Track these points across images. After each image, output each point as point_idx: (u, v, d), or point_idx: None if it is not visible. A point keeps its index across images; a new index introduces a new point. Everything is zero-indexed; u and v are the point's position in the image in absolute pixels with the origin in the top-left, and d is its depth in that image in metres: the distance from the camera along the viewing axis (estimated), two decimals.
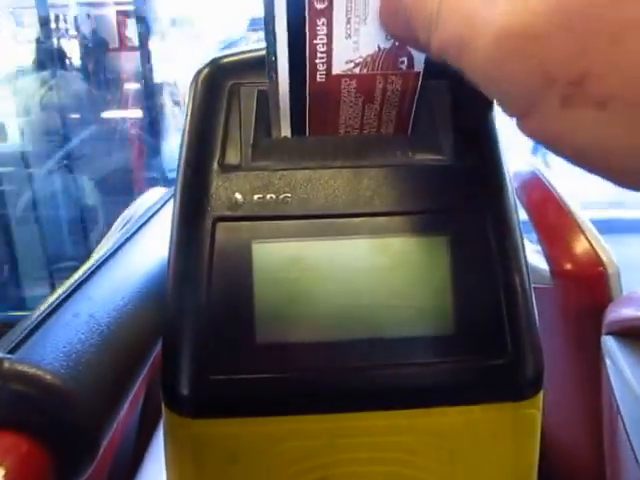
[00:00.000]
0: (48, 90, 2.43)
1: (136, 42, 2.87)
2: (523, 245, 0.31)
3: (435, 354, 0.29)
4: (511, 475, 0.32)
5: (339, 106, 0.30)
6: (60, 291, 0.34)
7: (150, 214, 0.52)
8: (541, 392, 0.31)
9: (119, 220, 0.79)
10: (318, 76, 0.28)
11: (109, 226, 0.79)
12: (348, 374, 0.29)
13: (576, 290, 0.32)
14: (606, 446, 0.50)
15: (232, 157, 0.31)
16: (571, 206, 0.49)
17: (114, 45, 3.03)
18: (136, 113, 2.71)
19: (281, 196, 0.30)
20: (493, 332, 0.29)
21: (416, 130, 0.32)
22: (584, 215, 0.51)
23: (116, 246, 0.42)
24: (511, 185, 0.31)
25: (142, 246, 0.44)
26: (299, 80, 0.29)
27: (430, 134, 0.32)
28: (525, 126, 0.21)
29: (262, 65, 0.31)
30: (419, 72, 0.29)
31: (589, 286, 0.42)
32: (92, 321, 0.32)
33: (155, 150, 2.54)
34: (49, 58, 2.46)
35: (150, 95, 2.53)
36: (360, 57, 0.28)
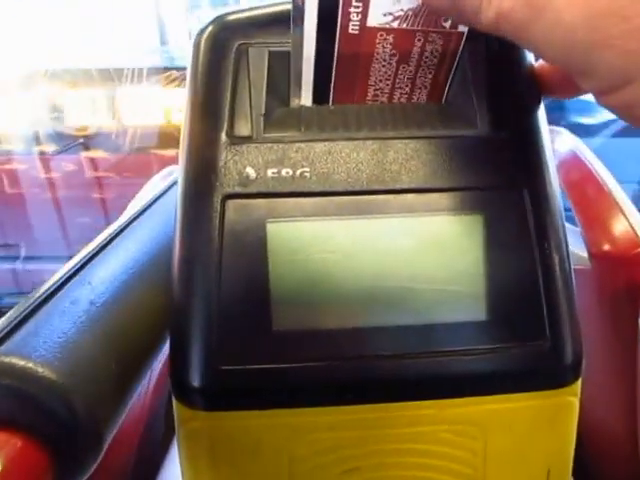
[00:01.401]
0: None
1: None
2: (563, 224, 0.28)
3: (469, 341, 0.27)
4: (547, 465, 0.29)
5: (370, 66, 0.27)
6: (57, 276, 0.32)
7: (158, 194, 0.50)
8: (580, 379, 0.28)
9: (133, 202, 0.76)
10: (351, 27, 0.25)
11: None
12: (372, 363, 0.27)
13: (614, 272, 0.29)
14: None
15: (242, 127, 0.28)
16: (611, 186, 0.46)
17: None
18: None
19: (298, 171, 0.27)
20: (530, 316, 0.27)
21: (449, 99, 0.29)
22: (625, 196, 0.48)
23: (119, 229, 0.39)
24: (552, 160, 0.28)
25: (147, 228, 0.41)
26: (328, 33, 0.25)
27: (463, 104, 0.29)
28: (607, 100, 0.21)
29: (274, 22, 0.28)
30: (463, 33, 0.26)
31: (628, 268, 0.39)
32: (92, 309, 0.29)
33: None
34: None
35: None
36: (401, 10, 0.25)
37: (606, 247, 0.41)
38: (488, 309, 0.27)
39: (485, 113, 0.28)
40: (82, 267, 0.33)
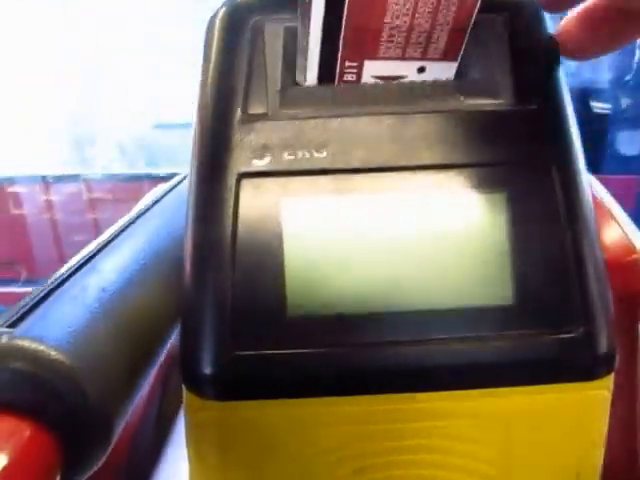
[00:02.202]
0: None
1: None
2: (591, 203, 0.27)
3: (494, 327, 0.25)
4: (576, 468, 0.28)
5: (383, 18, 0.25)
6: (68, 265, 0.31)
7: (166, 190, 0.49)
8: (613, 371, 0.27)
9: (140, 205, 0.75)
10: None
11: None
12: (394, 350, 0.25)
13: (609, 278, 0.28)
14: None
15: (257, 104, 0.27)
16: (602, 194, 0.46)
17: None
18: None
19: (314, 148, 0.26)
20: (560, 301, 0.26)
21: (469, 71, 0.28)
22: (616, 203, 0.47)
23: (128, 222, 0.39)
24: (577, 134, 0.27)
25: (156, 221, 0.40)
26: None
27: (485, 75, 0.28)
28: None
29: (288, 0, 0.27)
30: None
31: (623, 274, 0.38)
32: (104, 296, 0.28)
33: None
34: None
35: None
36: None
37: None
38: (515, 293, 0.25)
39: (508, 84, 0.27)
40: (93, 257, 0.32)
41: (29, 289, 0.28)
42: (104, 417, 0.25)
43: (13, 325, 0.24)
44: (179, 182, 0.51)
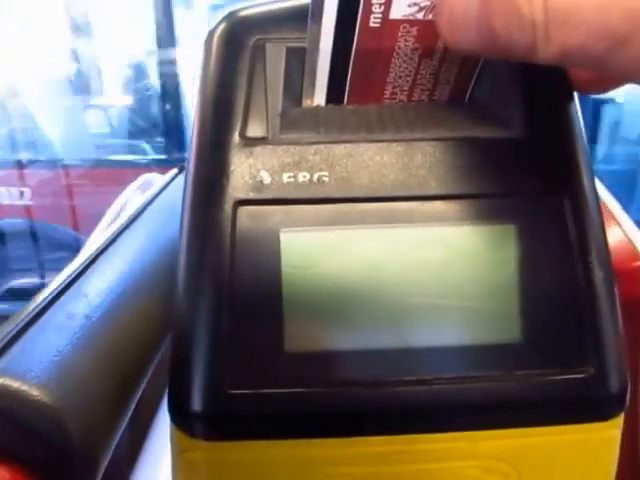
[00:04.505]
0: None
1: None
2: (605, 236, 0.26)
3: (501, 366, 0.25)
4: None
5: (390, 62, 0.25)
6: (52, 287, 0.30)
7: (148, 200, 0.47)
8: (624, 410, 0.26)
9: (110, 211, 0.73)
10: (372, 20, 0.23)
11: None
12: (394, 389, 0.24)
13: None
14: None
15: (257, 127, 0.26)
16: (606, 198, 0.45)
17: None
18: None
19: (316, 175, 0.25)
20: (571, 339, 0.25)
21: (478, 98, 0.27)
22: (620, 208, 0.46)
23: (113, 237, 0.37)
24: (589, 164, 0.26)
25: (142, 235, 0.39)
26: (347, 27, 0.24)
27: (494, 103, 0.27)
28: None
29: (292, 17, 0.26)
30: None
31: (626, 280, 0.37)
32: (88, 323, 0.27)
33: None
34: None
35: None
36: None
37: None
38: (523, 330, 0.24)
39: (518, 113, 0.26)
40: (77, 277, 0.31)
41: None
42: (88, 458, 0.23)
43: None
44: (167, 184, 0.49)
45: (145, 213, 0.44)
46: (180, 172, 0.62)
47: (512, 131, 0.26)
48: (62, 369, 0.23)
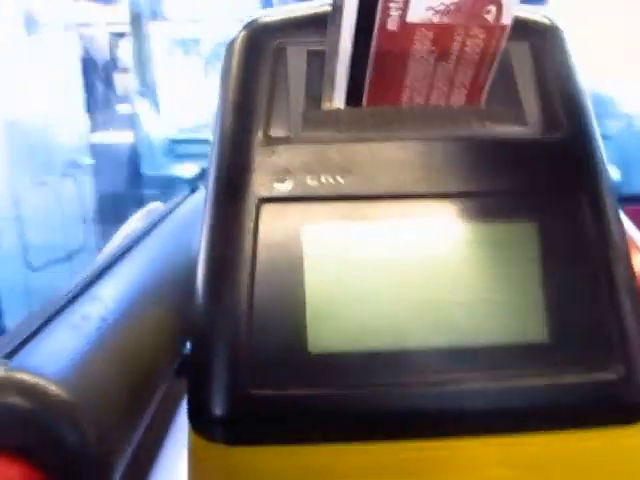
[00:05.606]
0: None
1: (130, 63, 2.85)
2: (624, 233, 0.26)
3: (527, 367, 0.24)
4: None
5: (407, 65, 0.25)
6: (66, 291, 0.29)
7: (161, 217, 0.47)
8: None
9: (117, 235, 0.73)
10: (389, 24, 0.24)
11: None
12: (418, 390, 0.24)
13: None
14: None
15: (279, 127, 0.26)
16: (625, 224, 0.45)
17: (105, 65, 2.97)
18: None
19: (337, 173, 0.25)
20: (598, 338, 0.24)
21: (497, 98, 0.27)
22: (635, 229, 0.46)
23: (128, 245, 0.37)
24: (605, 162, 0.27)
25: (158, 245, 0.38)
26: (366, 31, 0.24)
27: (511, 103, 0.27)
28: None
29: (312, 23, 0.26)
30: (506, 26, 0.25)
31: None
32: (104, 325, 0.26)
33: None
34: None
35: None
36: (442, 4, 0.23)
37: None
38: (547, 331, 0.24)
39: (535, 112, 0.27)
40: (92, 283, 0.30)
41: None
42: (105, 459, 0.22)
43: (8, 356, 0.22)
44: (183, 200, 0.49)
45: (158, 227, 0.44)
46: (192, 192, 0.62)
47: (528, 131, 0.26)
48: (78, 367, 0.23)
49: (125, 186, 2.66)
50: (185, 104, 2.90)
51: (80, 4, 2.44)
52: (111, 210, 2.15)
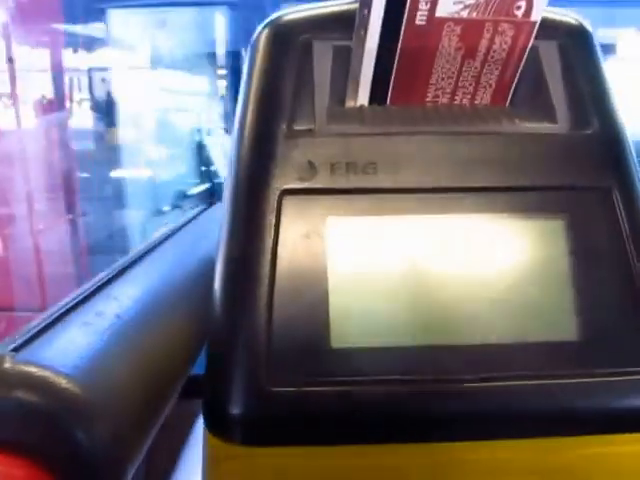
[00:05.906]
0: None
1: None
2: None
3: (558, 365, 0.23)
4: None
5: (433, 61, 0.25)
6: (81, 290, 0.28)
7: (179, 227, 0.47)
8: None
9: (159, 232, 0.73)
10: (418, 18, 0.23)
11: None
12: (444, 388, 0.22)
13: None
14: None
15: (304, 120, 0.25)
16: None
17: None
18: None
19: (361, 165, 0.24)
20: (630, 337, 0.23)
21: (525, 94, 0.27)
22: None
23: (146, 248, 0.36)
24: (634, 157, 0.26)
25: (176, 249, 0.38)
26: (393, 27, 0.24)
27: (540, 99, 0.26)
28: None
29: (337, 19, 0.26)
30: (535, 23, 0.24)
31: None
32: (119, 323, 0.25)
33: None
34: None
35: None
36: None
37: None
38: (577, 328, 0.23)
39: (564, 108, 0.26)
40: (108, 283, 0.29)
41: None
42: (117, 459, 0.21)
43: (18, 349, 0.21)
44: (201, 212, 0.48)
45: (177, 235, 0.43)
46: (210, 206, 0.62)
47: (559, 126, 0.26)
48: (89, 362, 0.22)
49: None
50: None
51: None
52: None
